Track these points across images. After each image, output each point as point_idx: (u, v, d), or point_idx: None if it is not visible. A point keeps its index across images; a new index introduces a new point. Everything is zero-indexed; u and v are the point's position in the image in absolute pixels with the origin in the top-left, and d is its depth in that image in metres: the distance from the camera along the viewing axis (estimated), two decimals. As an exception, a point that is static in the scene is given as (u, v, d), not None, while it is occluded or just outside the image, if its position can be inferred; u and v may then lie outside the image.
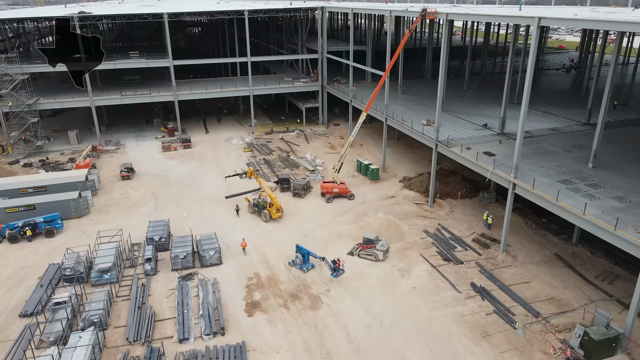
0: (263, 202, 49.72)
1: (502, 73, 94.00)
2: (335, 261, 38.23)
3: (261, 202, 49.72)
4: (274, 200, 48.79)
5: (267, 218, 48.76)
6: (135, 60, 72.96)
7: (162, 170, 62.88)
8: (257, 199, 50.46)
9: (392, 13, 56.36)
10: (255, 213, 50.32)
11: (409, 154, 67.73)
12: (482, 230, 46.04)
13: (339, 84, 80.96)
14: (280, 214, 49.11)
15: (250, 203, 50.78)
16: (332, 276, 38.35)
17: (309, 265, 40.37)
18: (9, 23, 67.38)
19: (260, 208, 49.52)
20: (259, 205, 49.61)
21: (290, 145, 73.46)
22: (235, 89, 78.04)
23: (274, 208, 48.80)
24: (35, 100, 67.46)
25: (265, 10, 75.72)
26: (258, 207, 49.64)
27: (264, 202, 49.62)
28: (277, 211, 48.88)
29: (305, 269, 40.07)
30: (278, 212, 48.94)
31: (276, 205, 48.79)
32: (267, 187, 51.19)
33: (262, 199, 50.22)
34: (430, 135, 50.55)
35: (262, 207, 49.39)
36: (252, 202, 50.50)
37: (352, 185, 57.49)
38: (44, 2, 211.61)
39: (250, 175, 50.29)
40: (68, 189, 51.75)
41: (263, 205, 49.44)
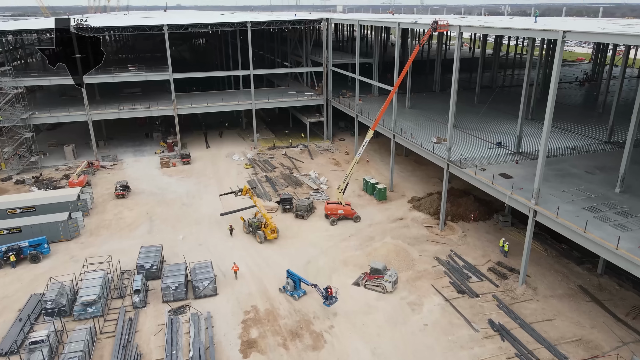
0: (258, 222, 47.06)
1: (514, 86, 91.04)
2: (328, 289, 35.43)
3: (256, 222, 47.06)
4: (269, 221, 46.36)
5: (261, 239, 46.20)
6: (133, 74, 70.67)
7: (159, 189, 60.12)
8: (252, 218, 47.87)
9: (401, 25, 53.64)
10: (249, 233, 47.83)
11: (418, 172, 64.64)
12: (498, 257, 42.71)
13: (344, 97, 78.30)
14: (275, 235, 46.49)
15: (245, 223, 48.16)
16: (325, 305, 35.57)
17: (300, 292, 37.75)
18: (5, 35, 65.39)
19: (254, 228, 46.81)
20: (253, 225, 46.91)
21: (294, 161, 70.60)
22: (237, 103, 75.50)
23: (269, 229, 46.29)
24: (30, 115, 65.17)
25: (269, 22, 73.41)
26: (252, 227, 46.93)
27: (258, 222, 46.97)
28: (272, 232, 46.31)
29: (297, 295, 37.48)
30: (273, 233, 46.35)
31: (271, 226, 46.25)
32: (262, 207, 48.73)
33: (257, 219, 47.73)
34: (442, 154, 47.52)
35: (257, 227, 46.71)
36: (246, 221, 48.04)
37: (358, 206, 54.42)
38: (49, 13, 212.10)
39: (246, 193, 48.45)
40: (58, 209, 49.07)
41: (258, 225, 46.77)
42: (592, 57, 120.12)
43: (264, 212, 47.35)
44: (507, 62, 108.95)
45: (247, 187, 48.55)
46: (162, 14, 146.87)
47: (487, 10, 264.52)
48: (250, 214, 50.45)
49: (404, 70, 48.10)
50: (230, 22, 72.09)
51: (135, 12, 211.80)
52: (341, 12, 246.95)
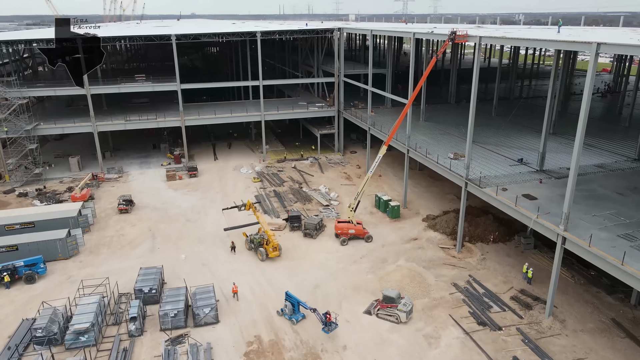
0: (260, 238, 45.31)
1: (531, 98, 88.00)
2: (327, 314, 33.34)
3: (258, 238, 45.31)
4: (271, 238, 44.27)
5: (263, 257, 44.23)
6: (140, 84, 69.18)
7: (163, 203, 58.11)
8: (254, 235, 46.11)
9: (416, 35, 51.21)
10: (252, 249, 45.78)
11: (432, 187, 61.81)
12: (522, 284, 39.68)
13: (356, 109, 75.94)
14: (277, 252, 44.43)
15: (247, 239, 46.38)
16: (324, 331, 33.39)
17: (299, 316, 35.57)
18: (11, 45, 64.38)
19: (256, 245, 45.03)
20: (255, 241, 45.19)
21: (303, 175, 68.22)
22: (246, 114, 73.56)
23: (271, 246, 44.27)
24: (35, 126, 63.83)
25: (280, 31, 71.56)
26: (254, 244, 45.22)
27: (260, 239, 45.22)
28: (274, 250, 44.28)
29: (295, 320, 35.33)
30: (275, 251, 44.30)
31: (273, 243, 44.20)
32: (265, 222, 46.77)
33: (260, 235, 45.91)
34: (459, 172, 44.76)
35: (259, 244, 44.92)
36: (249, 237, 46.17)
37: (370, 224, 51.78)
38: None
39: (249, 208, 46.90)
40: (58, 225, 47.24)
41: (260, 242, 45.02)
42: (612, 67, 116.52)
43: (267, 229, 45.38)
44: (525, 72, 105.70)
45: (250, 202, 47.09)
46: (174, 23, 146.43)
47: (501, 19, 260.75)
48: (254, 230, 48.36)
49: (419, 83, 45.58)
50: (239, 31, 70.36)
51: (149, 21, 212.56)
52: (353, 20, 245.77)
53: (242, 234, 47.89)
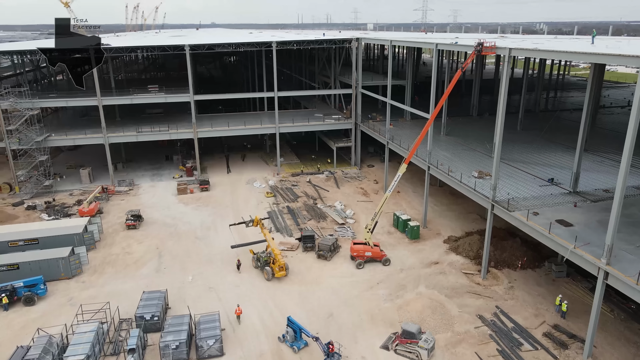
0: (267, 256, 43.44)
1: (558, 111, 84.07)
2: (329, 345, 30.86)
3: (264, 256, 43.44)
4: (277, 257, 42.26)
5: (269, 276, 42.25)
6: (153, 95, 67.76)
7: (172, 218, 56.11)
8: (261, 253, 44.25)
9: (439, 46, 48.43)
10: (258, 268, 43.92)
11: (454, 206, 58.55)
12: (555, 319, 36.21)
13: (374, 121, 73.22)
14: (283, 272, 42.32)
15: (254, 257, 44.67)
16: None
17: (300, 344, 33.30)
18: (25, 55, 63.59)
19: (262, 263, 43.15)
20: (261, 260, 43.33)
21: (318, 190, 65.63)
22: (260, 127, 71.50)
23: (277, 266, 42.17)
24: (46, 137, 62.72)
25: (296, 41, 69.45)
26: (261, 262, 43.36)
27: (267, 257, 43.36)
28: (281, 269, 42.18)
29: (297, 347, 33.10)
30: (281, 271, 42.20)
31: (279, 262, 42.05)
32: (272, 240, 44.70)
33: (267, 253, 43.93)
34: (485, 192, 41.60)
35: (265, 262, 43.07)
36: (255, 255, 44.43)
37: (388, 245, 48.85)
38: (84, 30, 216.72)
39: (257, 224, 45.44)
40: (62, 242, 45.54)
41: (266, 260, 43.17)
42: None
43: (273, 247, 43.20)
44: (550, 83, 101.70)
45: (257, 218, 45.69)
46: (191, 33, 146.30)
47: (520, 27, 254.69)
48: (263, 247, 46.32)
49: (442, 98, 42.67)
50: (255, 42, 68.52)
51: (168, 31, 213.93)
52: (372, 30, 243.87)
53: (249, 251, 46.00)
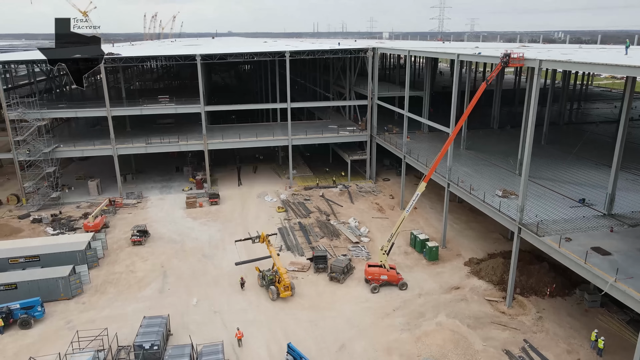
0: (272, 275, 41.71)
1: (582, 123, 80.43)
2: None
3: (270, 275, 41.77)
4: (283, 276, 40.35)
5: (273, 296, 40.48)
6: (162, 106, 66.17)
7: (180, 234, 54.06)
8: (267, 271, 42.58)
9: (460, 57, 45.75)
10: (264, 287, 42.16)
11: (474, 224, 55.43)
12: (590, 356, 32.96)
13: (390, 133, 70.63)
14: (289, 292, 40.48)
15: (259, 274, 42.95)
16: None
17: None
18: (36, 64, 62.62)
19: (268, 282, 41.42)
20: (267, 278, 41.63)
21: (332, 205, 63.06)
22: (273, 139, 69.37)
23: (282, 285, 40.31)
24: (54, 148, 61.43)
25: (310, 51, 67.40)
26: (266, 281, 41.64)
27: (272, 276, 41.58)
28: (286, 289, 40.37)
29: None
30: (287, 291, 40.38)
31: (284, 282, 40.20)
32: (278, 258, 42.66)
33: (273, 272, 42.14)
34: (511, 214, 38.59)
35: (271, 281, 41.34)
36: (261, 273, 42.68)
37: (405, 267, 46.01)
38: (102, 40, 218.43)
39: (263, 241, 44.04)
40: (64, 260, 43.74)
41: (271, 279, 41.42)
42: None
43: (279, 265, 41.27)
44: (574, 94, 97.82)
45: (264, 235, 44.09)
46: (206, 42, 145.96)
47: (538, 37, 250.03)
48: (269, 264, 44.21)
49: (466, 112, 39.85)
50: (268, 51, 66.70)
51: (184, 39, 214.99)
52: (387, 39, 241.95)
53: (255, 269, 43.99)
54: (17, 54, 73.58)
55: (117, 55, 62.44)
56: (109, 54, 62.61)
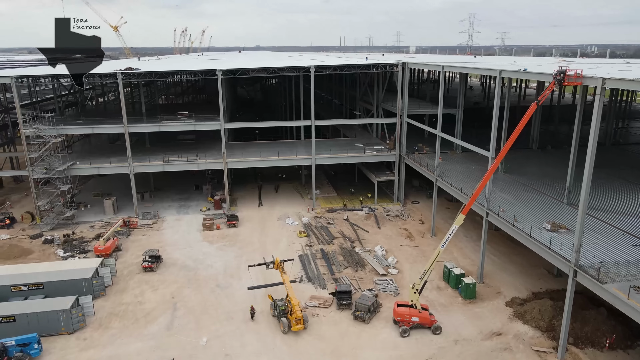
0: (284, 305, 39.00)
1: (632, 144, 74.12)
2: None
3: (282, 305, 39.05)
4: (295, 308, 37.45)
5: (285, 328, 37.54)
6: (181, 123, 63.52)
7: (194, 260, 50.68)
8: (279, 300, 39.78)
9: (503, 74, 41.26)
10: (276, 317, 39.36)
11: (514, 256, 50.20)
12: None
13: (420, 153, 66.13)
14: (301, 326, 37.37)
15: (272, 303, 40.30)
16: None
17: None
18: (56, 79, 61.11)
19: (279, 313, 38.76)
20: (279, 308, 38.95)
21: (357, 230, 58.76)
22: (295, 158, 65.80)
23: (294, 317, 37.30)
24: (69, 166, 59.34)
25: (335, 66, 63.89)
26: (278, 311, 38.94)
27: (285, 306, 38.90)
28: (298, 322, 37.30)
29: None
30: (299, 324, 37.32)
31: (296, 314, 37.20)
32: (291, 287, 39.86)
33: (286, 301, 39.22)
34: (564, 253, 33.56)
35: (283, 312, 38.68)
36: (274, 302, 40.01)
37: (438, 305, 41.26)
38: (132, 54, 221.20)
39: (277, 267, 41.29)
40: (68, 289, 40.95)
41: (284, 309, 38.77)
42: None
43: (292, 295, 38.42)
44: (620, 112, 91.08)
45: (278, 260, 41.41)
46: (232, 56, 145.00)
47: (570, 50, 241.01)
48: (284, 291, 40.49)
49: (513, 135, 35.15)
50: (291, 66, 63.43)
51: (211, 53, 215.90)
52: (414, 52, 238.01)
53: (268, 297, 40.96)
54: (39, 68, 72.60)
55: (136, 70, 60.27)
56: (128, 68, 60.58)
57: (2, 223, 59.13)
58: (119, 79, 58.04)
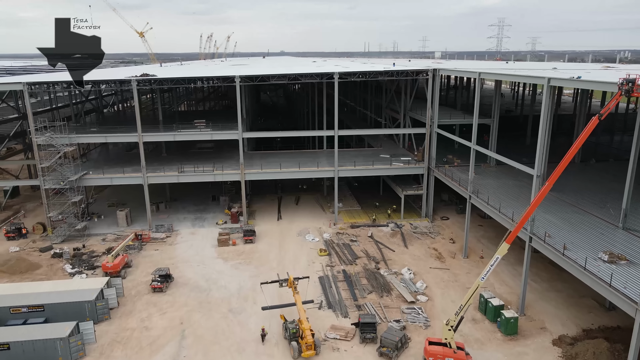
0: (295, 328, 36.62)
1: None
2: None
3: (293, 327, 36.68)
4: (306, 332, 34.99)
5: (295, 353, 35.10)
6: (198, 132, 60.49)
7: (207, 280, 47.32)
8: (290, 322, 37.46)
9: (551, 82, 36.58)
10: (287, 339, 37.01)
11: (558, 283, 45.19)
12: None
13: (450, 166, 61.51)
14: (312, 352, 34.86)
15: (283, 324, 38.00)
16: None
17: None
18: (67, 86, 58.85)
19: (291, 336, 36.43)
20: (289, 331, 36.59)
21: (382, 249, 54.51)
22: (317, 169, 61.95)
23: (304, 343, 34.85)
24: (81, 176, 56.97)
25: (361, 72, 59.99)
26: (289, 334, 36.62)
27: (295, 329, 36.55)
28: (308, 348, 34.84)
29: None
30: (310, 350, 34.86)
31: (307, 339, 34.71)
32: (303, 309, 36.85)
33: (296, 324, 36.95)
34: (630, 292, 28.67)
35: (293, 335, 36.37)
36: (286, 322, 37.71)
37: (473, 341, 36.69)
38: (157, 60, 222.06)
39: (290, 286, 38.80)
40: (70, 311, 38.21)
41: (294, 332, 36.46)
42: None
43: (302, 318, 36.01)
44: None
45: (291, 279, 38.89)
46: (255, 62, 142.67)
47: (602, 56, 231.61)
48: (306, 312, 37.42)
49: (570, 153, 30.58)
50: (314, 72, 59.77)
51: (234, 59, 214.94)
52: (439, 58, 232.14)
53: (280, 317, 38.79)
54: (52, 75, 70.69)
55: (152, 76, 57.62)
56: (143, 75, 57.99)
57: (12, 234, 57.07)
58: (133, 86, 55.46)
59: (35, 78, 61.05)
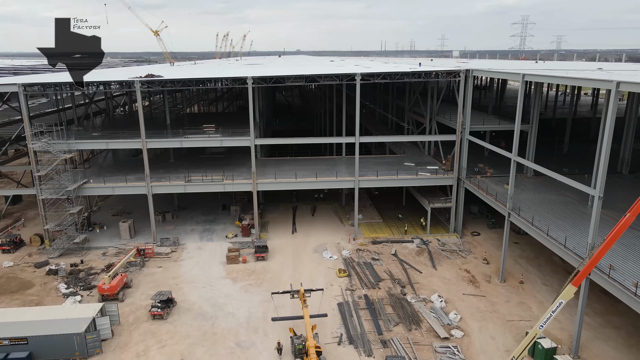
0: (301, 344, 34.45)
1: None
2: None
3: (299, 344, 34.54)
4: (310, 350, 32.34)
5: None
6: (206, 138, 55.68)
7: (212, 305, 42.42)
8: (296, 337, 35.38)
9: (621, 86, 30.65)
10: (294, 354, 35.04)
11: (614, 317, 39.23)
12: None
13: (482, 176, 55.68)
14: None
15: (291, 338, 35.94)
16: None
17: None
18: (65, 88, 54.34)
19: (296, 353, 34.53)
20: (295, 346, 34.55)
21: (408, 269, 49.01)
22: (335, 179, 56.51)
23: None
24: (80, 185, 52.60)
25: (386, 74, 54.46)
26: (295, 350, 34.66)
27: (301, 345, 34.41)
28: None
29: None
30: None
31: (312, 358, 31.85)
32: (309, 326, 34.61)
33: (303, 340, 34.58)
34: None
35: (299, 352, 34.41)
36: (294, 337, 35.68)
37: (522, 393, 30.87)
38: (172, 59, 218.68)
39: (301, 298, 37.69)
40: (57, 345, 33.90)
41: (300, 349, 34.43)
42: None
43: (308, 335, 33.67)
44: None
45: (302, 291, 38.21)
46: (270, 61, 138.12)
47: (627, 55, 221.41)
48: None
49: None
50: (333, 74, 54.38)
51: (249, 58, 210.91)
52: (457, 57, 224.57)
53: (289, 330, 36.75)
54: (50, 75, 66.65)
55: (157, 77, 52.96)
56: (148, 75, 53.38)
57: (7, 247, 53.03)
58: (136, 88, 50.87)
59: (31, 79, 56.81)
